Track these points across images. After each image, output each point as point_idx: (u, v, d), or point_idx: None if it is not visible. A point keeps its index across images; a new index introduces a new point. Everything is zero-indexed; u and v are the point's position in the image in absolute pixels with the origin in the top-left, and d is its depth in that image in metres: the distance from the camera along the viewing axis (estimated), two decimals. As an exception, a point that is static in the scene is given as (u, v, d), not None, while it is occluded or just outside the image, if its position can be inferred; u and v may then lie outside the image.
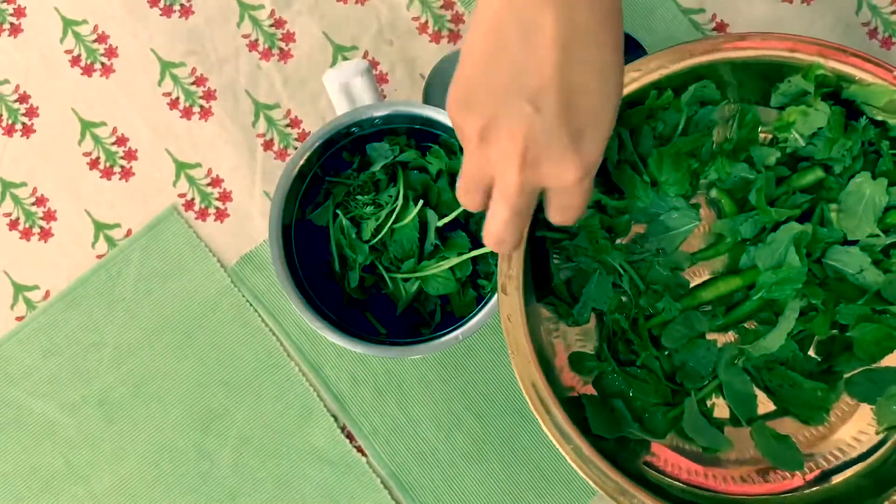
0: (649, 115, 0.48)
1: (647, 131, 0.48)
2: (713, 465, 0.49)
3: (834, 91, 0.47)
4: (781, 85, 0.48)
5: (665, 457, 0.49)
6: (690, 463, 0.49)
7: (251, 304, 0.60)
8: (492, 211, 0.35)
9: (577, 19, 0.31)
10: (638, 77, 0.46)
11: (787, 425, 0.49)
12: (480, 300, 0.49)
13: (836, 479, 0.49)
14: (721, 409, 0.50)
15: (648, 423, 0.48)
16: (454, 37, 0.61)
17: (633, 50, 0.58)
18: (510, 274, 0.45)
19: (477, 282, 0.51)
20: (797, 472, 0.48)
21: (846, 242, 0.48)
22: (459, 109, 0.34)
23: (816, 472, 0.49)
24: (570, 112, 0.31)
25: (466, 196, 0.36)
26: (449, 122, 0.47)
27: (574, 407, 0.47)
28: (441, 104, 0.59)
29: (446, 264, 0.48)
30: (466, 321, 0.45)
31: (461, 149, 0.49)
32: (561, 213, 0.36)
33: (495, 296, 0.46)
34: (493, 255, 0.49)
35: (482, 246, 0.43)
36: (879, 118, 0.47)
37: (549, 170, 0.33)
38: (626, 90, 0.46)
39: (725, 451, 0.49)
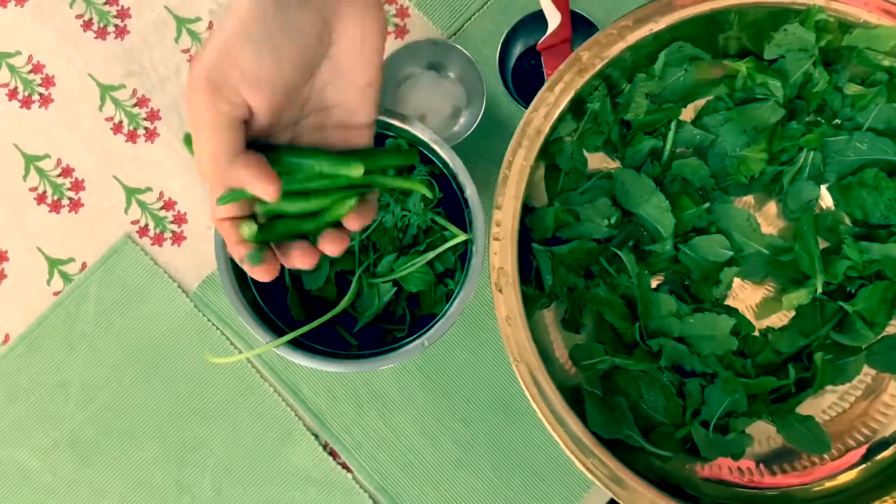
0: None
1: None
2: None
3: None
4: (776, 34, 0.45)
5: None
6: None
7: (217, 328, 0.57)
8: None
9: None
10: (631, 29, 0.44)
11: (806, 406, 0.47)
12: (450, 296, 0.47)
13: (881, 456, 0.46)
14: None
15: (657, 440, 0.46)
16: (401, 31, 0.59)
17: (584, 27, 0.56)
18: (503, 269, 0.42)
19: (444, 280, 0.49)
20: (825, 455, 0.46)
21: None
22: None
23: (855, 453, 0.47)
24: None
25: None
26: (395, 122, 0.45)
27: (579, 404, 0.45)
28: (391, 101, 0.57)
29: (421, 260, 0.46)
30: (430, 326, 0.43)
31: (409, 145, 0.47)
32: None
33: (458, 298, 0.44)
34: (455, 251, 0.47)
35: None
36: (886, 63, 0.44)
37: None
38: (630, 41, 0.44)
39: (747, 447, 0.46)
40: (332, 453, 0.57)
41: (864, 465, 0.46)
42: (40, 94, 0.59)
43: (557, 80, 0.44)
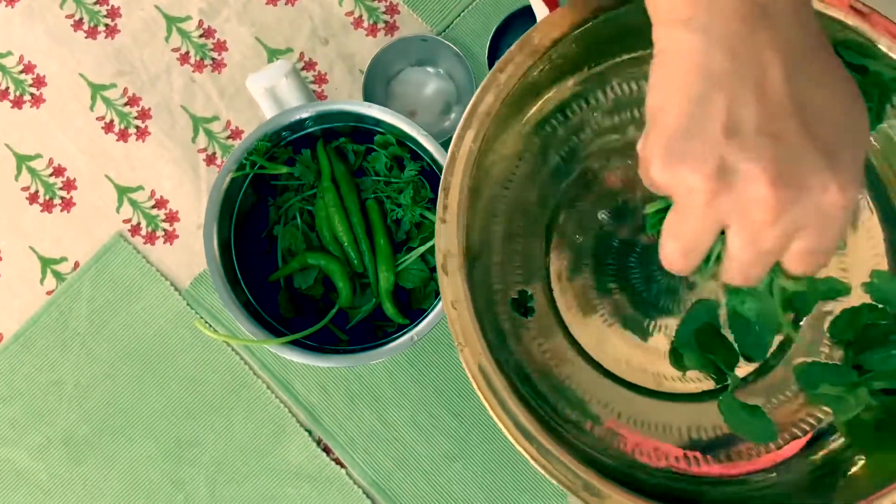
0: None
1: None
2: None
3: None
4: None
5: (633, 440, 0.47)
6: (660, 444, 0.47)
7: (210, 325, 0.58)
8: (733, 255, 0.30)
9: (791, 38, 0.28)
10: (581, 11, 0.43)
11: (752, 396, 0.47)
12: (432, 279, 0.48)
13: (822, 450, 0.47)
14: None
15: None
16: (391, 28, 0.60)
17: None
18: (449, 250, 0.41)
19: (433, 275, 0.49)
20: (771, 445, 0.46)
21: None
22: (672, 163, 0.29)
23: (798, 440, 0.47)
24: (814, 131, 0.28)
25: (686, 258, 0.31)
26: (384, 117, 0.45)
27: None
28: (382, 98, 0.57)
29: (415, 254, 0.46)
30: (419, 322, 0.43)
31: (399, 142, 0.48)
32: (809, 258, 0.31)
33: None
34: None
35: None
36: None
37: (805, 195, 0.28)
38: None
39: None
40: (326, 449, 0.57)
41: (809, 456, 0.46)
42: (31, 94, 0.59)
43: (508, 60, 0.43)
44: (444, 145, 0.46)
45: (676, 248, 0.31)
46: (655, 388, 0.49)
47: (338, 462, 0.57)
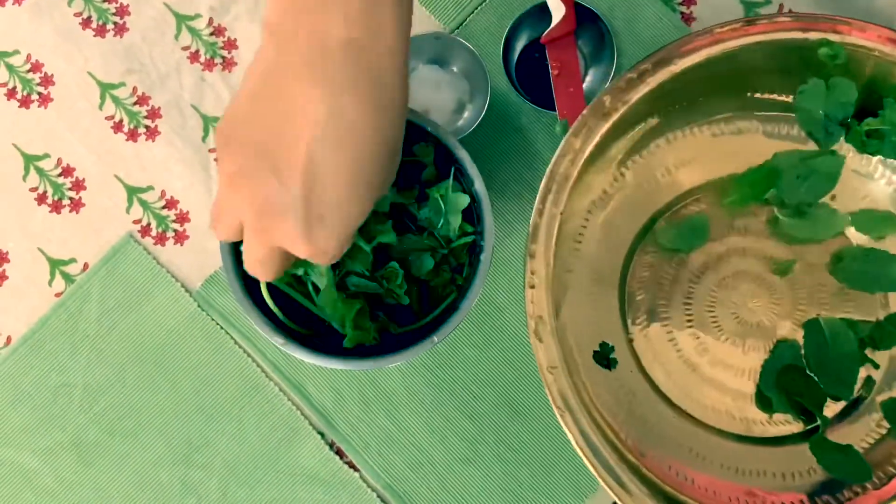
0: None
1: None
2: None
3: None
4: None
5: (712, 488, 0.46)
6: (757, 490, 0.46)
7: (222, 327, 0.57)
8: (244, 245, 0.35)
9: (342, 108, 0.30)
10: (650, 73, 0.44)
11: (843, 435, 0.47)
12: (452, 281, 0.47)
13: None
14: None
15: None
16: (403, 26, 0.59)
17: (588, 19, 0.56)
18: (541, 316, 0.42)
19: (454, 276, 0.48)
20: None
21: None
22: (220, 144, 0.34)
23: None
24: (312, 198, 0.31)
25: (215, 224, 0.36)
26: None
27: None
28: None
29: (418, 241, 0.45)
30: (440, 322, 0.43)
31: (420, 137, 0.47)
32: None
33: (469, 294, 0.43)
34: (463, 248, 0.47)
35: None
36: None
37: (282, 240, 0.33)
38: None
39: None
40: (339, 452, 0.56)
41: None
42: (39, 94, 0.59)
43: (581, 125, 0.44)
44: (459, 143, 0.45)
45: (213, 211, 0.36)
46: (745, 433, 0.49)
47: (351, 465, 0.56)
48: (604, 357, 0.49)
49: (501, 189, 0.57)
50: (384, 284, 0.44)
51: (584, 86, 0.56)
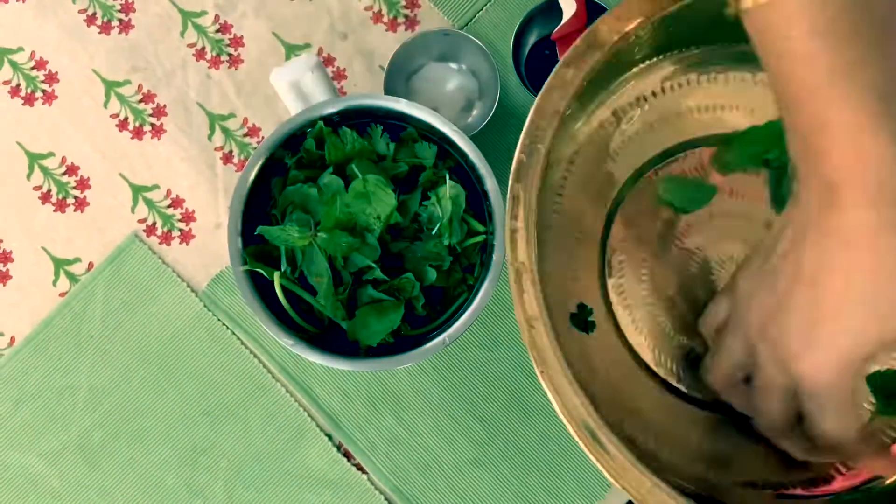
0: None
1: None
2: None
3: None
4: None
5: None
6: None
7: (228, 328, 0.56)
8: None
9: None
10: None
11: None
12: (464, 281, 0.46)
13: None
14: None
15: None
16: (411, 23, 0.58)
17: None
18: (523, 263, 0.38)
19: (465, 276, 0.47)
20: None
21: None
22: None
23: None
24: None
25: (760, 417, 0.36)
26: (413, 112, 0.44)
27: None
28: (403, 94, 0.56)
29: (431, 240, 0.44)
30: (452, 323, 0.42)
31: (423, 136, 0.46)
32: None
33: (480, 293, 0.43)
34: (475, 248, 0.46)
35: None
36: None
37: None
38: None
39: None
40: (347, 454, 0.55)
41: None
42: (43, 91, 0.58)
43: (575, 56, 0.41)
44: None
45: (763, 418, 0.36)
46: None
47: (359, 468, 0.55)
48: (582, 319, 0.46)
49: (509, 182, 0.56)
50: (398, 296, 0.44)
51: (595, 83, 0.55)
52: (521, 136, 0.40)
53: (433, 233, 0.43)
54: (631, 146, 0.48)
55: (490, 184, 0.43)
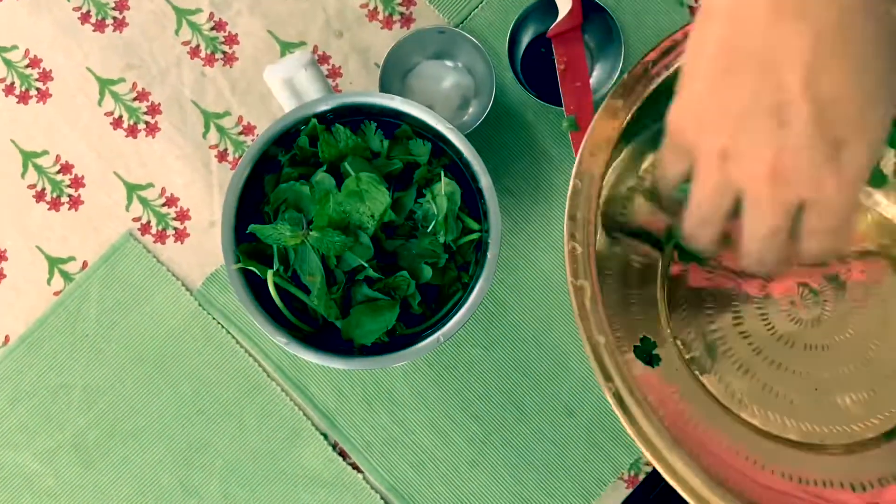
0: None
1: None
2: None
3: None
4: None
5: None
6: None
7: (223, 327, 0.56)
8: (747, 229, 0.33)
9: (820, 28, 0.29)
10: None
11: None
12: (458, 279, 0.46)
13: None
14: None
15: None
16: (407, 21, 0.58)
17: (595, 12, 0.55)
18: (584, 284, 0.39)
19: (460, 274, 0.47)
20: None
21: None
22: (693, 131, 0.32)
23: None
24: (823, 123, 0.29)
25: (702, 227, 0.34)
26: (408, 109, 0.43)
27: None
28: (398, 92, 0.55)
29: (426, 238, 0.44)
30: (446, 321, 0.42)
31: (417, 133, 0.46)
32: (815, 238, 0.33)
33: (474, 293, 0.42)
34: (469, 245, 0.46)
35: None
36: None
37: (804, 184, 0.31)
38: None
39: None
40: (342, 453, 0.55)
41: None
42: (38, 89, 0.58)
43: (626, 89, 0.42)
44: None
45: (692, 217, 0.33)
46: (801, 439, 0.46)
47: (354, 467, 0.55)
48: (646, 352, 0.46)
49: (507, 187, 0.56)
50: (393, 295, 0.43)
51: (591, 81, 0.55)
52: (576, 160, 0.41)
53: (428, 230, 0.43)
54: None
55: (485, 181, 0.42)
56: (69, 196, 0.57)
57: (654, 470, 0.53)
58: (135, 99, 0.57)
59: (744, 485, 0.42)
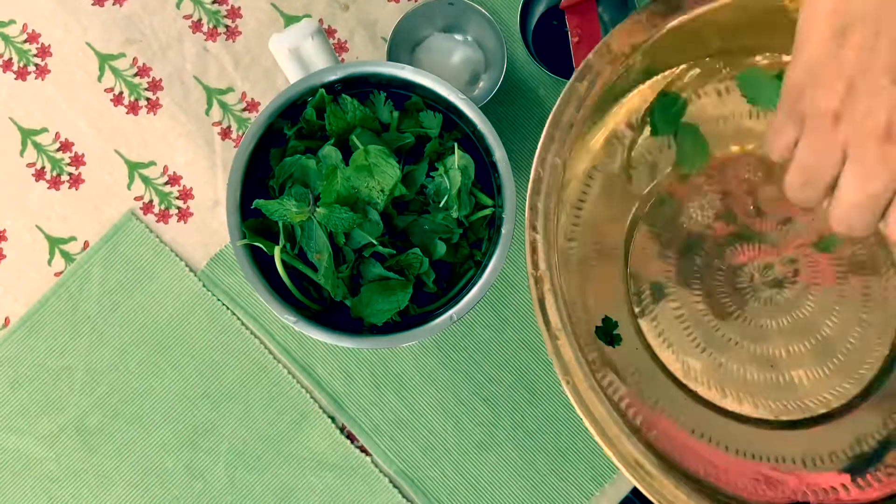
0: None
1: None
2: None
3: None
4: None
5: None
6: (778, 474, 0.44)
7: (228, 308, 0.55)
8: (844, 193, 0.32)
9: None
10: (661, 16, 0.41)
11: None
12: (471, 257, 0.44)
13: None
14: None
15: None
16: (414, -7, 0.56)
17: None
18: (545, 273, 0.39)
19: (472, 251, 0.46)
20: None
21: None
22: (807, 93, 0.32)
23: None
24: None
25: (806, 189, 0.33)
26: (419, 79, 0.42)
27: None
28: (407, 64, 0.54)
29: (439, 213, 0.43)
30: (459, 299, 0.40)
31: (428, 105, 0.44)
32: None
33: (489, 268, 0.41)
34: (482, 222, 0.45)
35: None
36: None
37: None
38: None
39: None
40: (350, 436, 0.54)
41: None
42: (36, 65, 0.56)
43: (587, 70, 0.41)
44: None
45: (794, 178, 0.33)
46: (761, 416, 0.46)
47: (362, 450, 0.54)
48: (607, 333, 0.46)
49: (518, 163, 0.55)
50: (406, 274, 0.42)
51: (605, 54, 0.53)
52: (538, 149, 0.41)
53: (441, 205, 0.42)
54: (647, 157, 0.47)
55: (499, 154, 0.41)
56: (69, 174, 0.56)
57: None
58: (135, 75, 0.56)
59: (699, 464, 0.43)
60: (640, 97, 0.47)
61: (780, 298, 0.48)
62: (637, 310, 0.47)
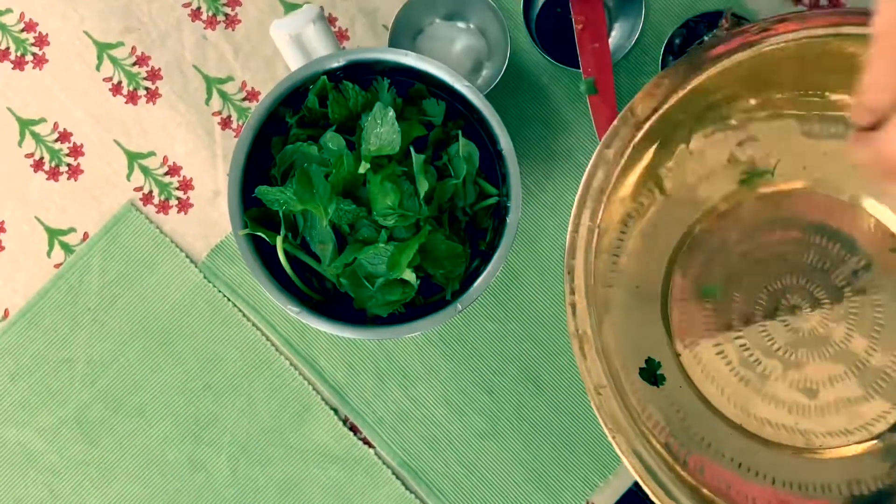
0: None
1: None
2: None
3: None
4: None
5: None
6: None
7: (229, 299, 0.54)
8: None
9: None
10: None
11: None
12: (475, 247, 0.44)
13: None
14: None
15: None
16: (416, -19, 0.55)
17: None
18: (585, 332, 0.40)
19: (477, 241, 0.45)
20: None
21: None
22: None
23: None
24: None
25: (878, 93, 0.32)
26: (423, 66, 0.41)
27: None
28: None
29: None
30: (465, 293, 0.40)
31: (432, 93, 0.44)
32: None
33: (493, 259, 0.41)
34: (486, 211, 0.44)
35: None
36: None
37: None
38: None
39: None
40: (353, 428, 0.54)
41: None
42: (34, 55, 0.56)
43: (613, 135, 0.42)
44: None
45: (866, 103, 0.32)
46: (805, 446, 0.47)
47: (366, 442, 0.54)
48: (651, 373, 0.47)
49: (521, 153, 0.54)
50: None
51: (610, 41, 0.53)
52: (572, 213, 0.41)
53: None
54: (680, 203, 0.48)
55: (504, 142, 0.40)
56: (68, 165, 0.55)
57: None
58: (134, 64, 0.55)
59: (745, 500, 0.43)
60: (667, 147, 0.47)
61: (821, 330, 0.48)
62: (678, 348, 0.48)
